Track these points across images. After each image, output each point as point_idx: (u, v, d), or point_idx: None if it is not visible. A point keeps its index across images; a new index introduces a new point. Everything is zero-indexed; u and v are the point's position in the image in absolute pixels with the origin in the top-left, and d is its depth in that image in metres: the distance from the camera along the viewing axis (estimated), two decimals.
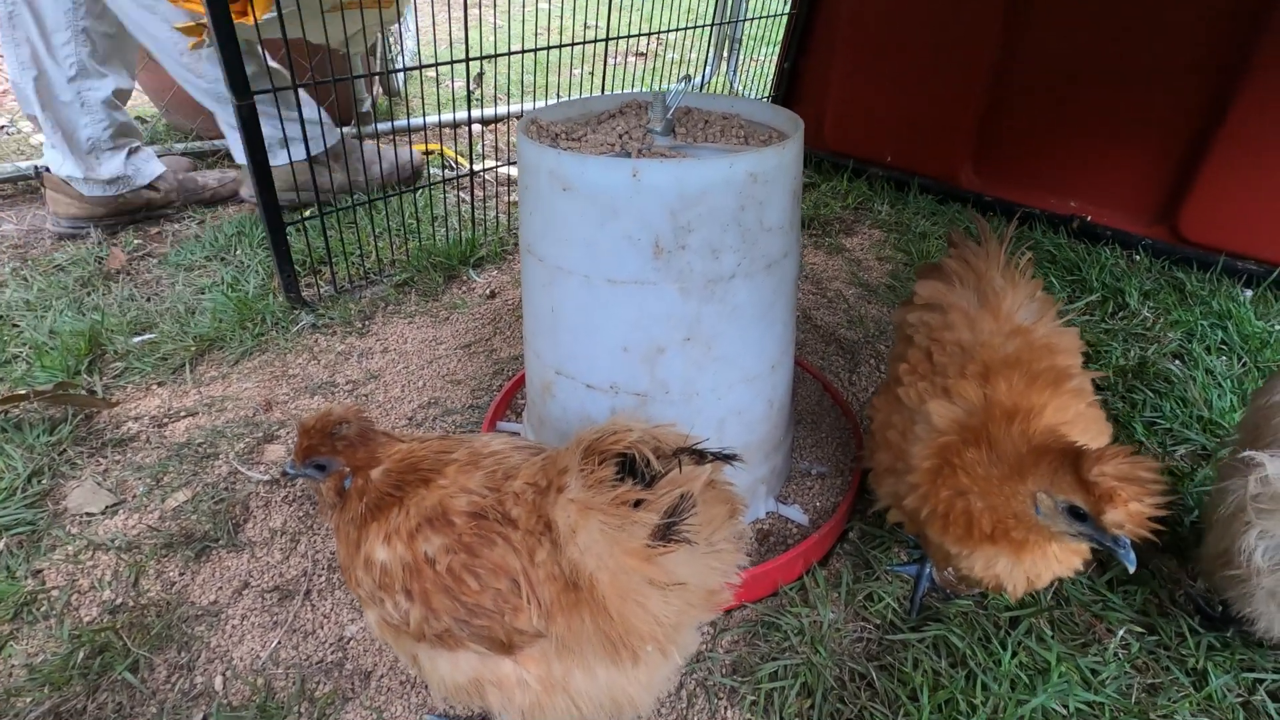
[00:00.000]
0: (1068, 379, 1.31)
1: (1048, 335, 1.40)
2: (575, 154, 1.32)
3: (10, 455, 1.83)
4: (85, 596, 1.55)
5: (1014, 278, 1.48)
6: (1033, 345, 1.37)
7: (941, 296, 1.50)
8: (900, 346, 1.57)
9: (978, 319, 1.42)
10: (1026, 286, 1.48)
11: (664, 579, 0.98)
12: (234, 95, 2.00)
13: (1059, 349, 1.38)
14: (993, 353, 1.35)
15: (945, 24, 3.25)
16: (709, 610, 1.08)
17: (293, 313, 2.45)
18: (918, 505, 1.32)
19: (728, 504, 1.06)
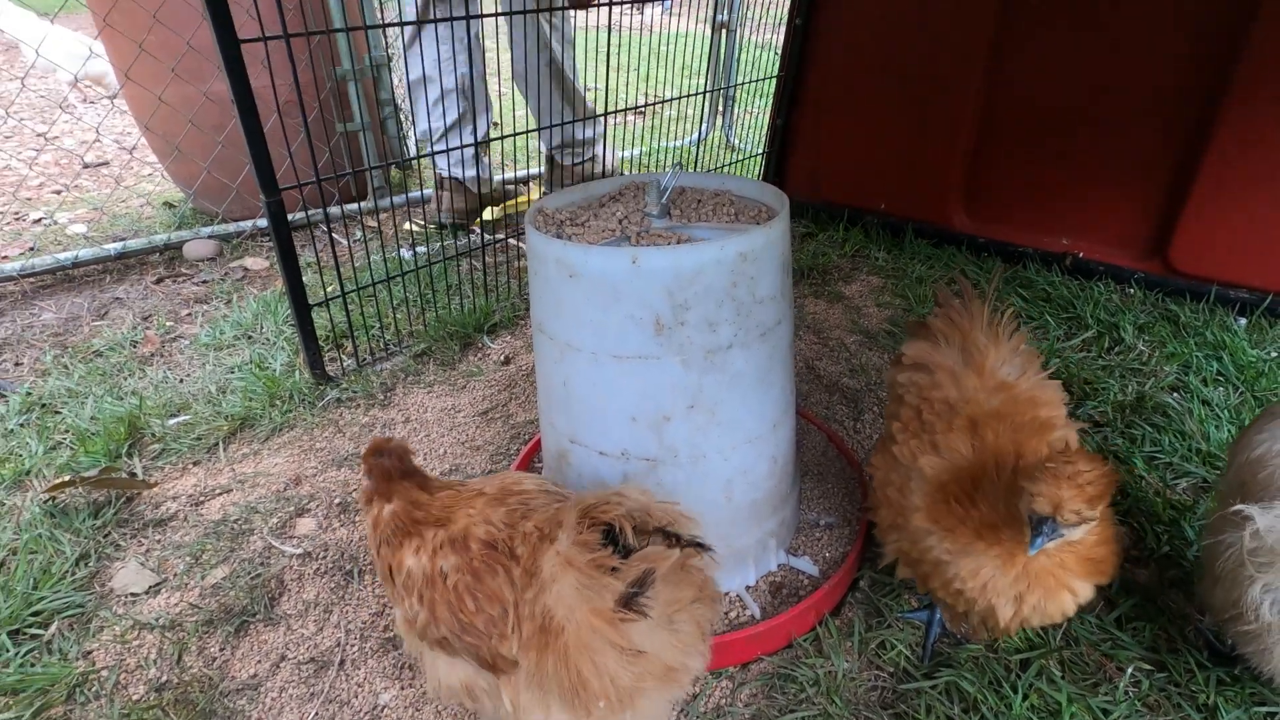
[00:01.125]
0: (1051, 430, 1.39)
1: (1031, 389, 1.48)
2: (579, 244, 1.44)
3: (59, 540, 1.93)
4: (133, 675, 1.63)
5: (997, 335, 1.57)
6: (1016, 399, 1.44)
7: (928, 356, 1.59)
8: (893, 405, 1.65)
9: (962, 377, 1.50)
10: (1009, 343, 1.56)
11: (622, 643, 1.06)
12: (263, 193, 2.16)
13: (1042, 402, 1.46)
14: (978, 408, 1.43)
15: (929, 73, 3.41)
16: (669, 685, 1.15)
17: (318, 388, 2.58)
18: (919, 553, 1.39)
19: (696, 588, 1.15)
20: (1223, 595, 1.39)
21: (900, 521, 1.44)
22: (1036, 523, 1.16)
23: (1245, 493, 1.40)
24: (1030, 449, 1.34)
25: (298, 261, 2.38)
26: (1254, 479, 1.39)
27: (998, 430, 1.38)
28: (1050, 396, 1.49)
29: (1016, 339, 1.58)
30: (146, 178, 4.83)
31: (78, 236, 3.89)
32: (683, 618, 1.13)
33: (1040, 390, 1.49)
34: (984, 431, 1.38)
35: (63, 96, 6.00)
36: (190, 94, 3.51)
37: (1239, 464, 1.48)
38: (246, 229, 3.86)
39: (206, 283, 3.48)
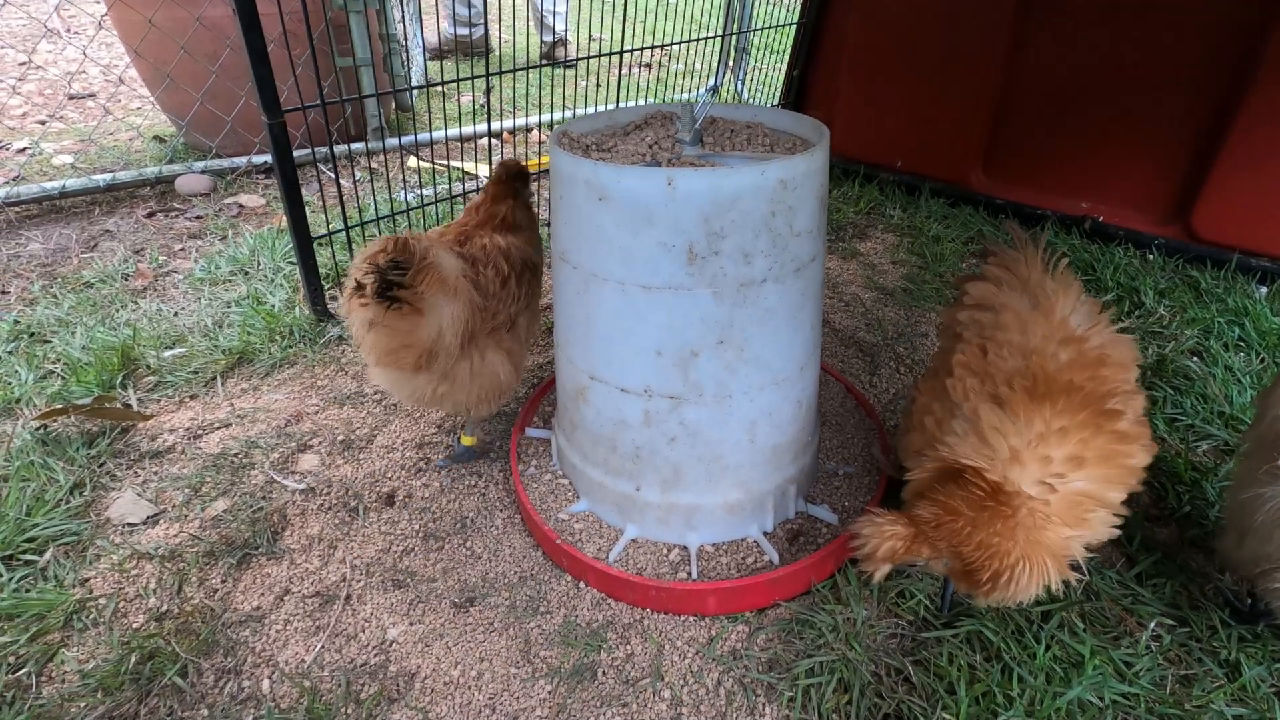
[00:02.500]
0: (1110, 400, 1.30)
1: (1102, 346, 1.39)
2: (611, 164, 1.36)
3: (52, 468, 1.87)
4: (132, 604, 1.58)
5: (1065, 281, 1.49)
6: (1085, 357, 1.36)
7: (993, 297, 1.51)
8: (948, 342, 1.59)
9: (1031, 322, 1.42)
10: (1075, 290, 1.49)
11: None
12: (266, 114, 2.05)
13: (1111, 361, 1.37)
14: (1044, 363, 1.34)
15: (954, 28, 3.30)
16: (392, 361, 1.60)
17: (319, 325, 2.50)
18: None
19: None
20: (1255, 549, 1.36)
21: (929, 452, 1.39)
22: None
23: (1278, 446, 1.37)
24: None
25: (300, 190, 2.27)
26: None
27: (1047, 418, 1.28)
28: (1122, 355, 1.40)
29: (1077, 287, 1.50)
30: (135, 111, 4.65)
31: (64, 167, 3.74)
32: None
33: (1113, 347, 1.40)
34: (1033, 416, 1.28)
35: (46, 18, 5.74)
36: (182, 18, 3.34)
37: (1272, 417, 1.44)
38: (241, 165, 3.73)
39: (200, 218, 3.36)
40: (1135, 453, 1.30)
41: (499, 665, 1.47)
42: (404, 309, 1.51)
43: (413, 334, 1.57)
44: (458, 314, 1.61)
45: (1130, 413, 1.32)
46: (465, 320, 1.63)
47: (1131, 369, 1.41)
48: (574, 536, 1.71)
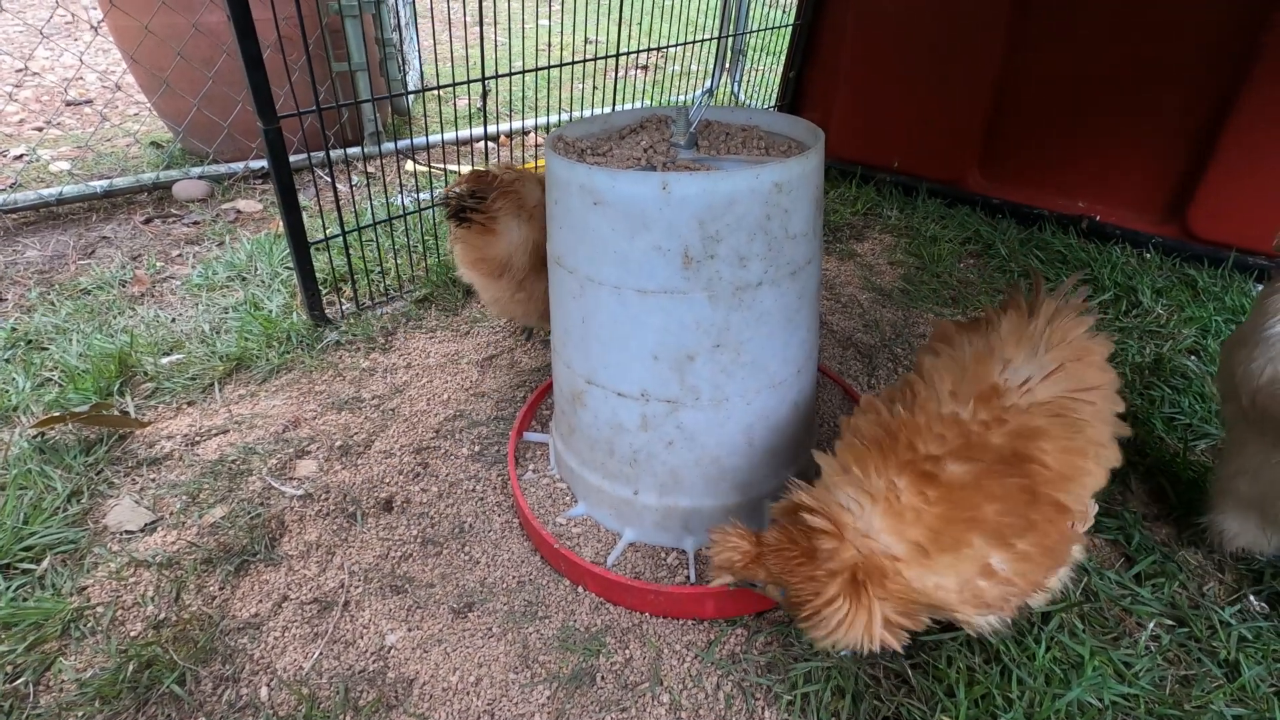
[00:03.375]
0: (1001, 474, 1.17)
1: (1040, 414, 1.21)
2: (606, 169, 1.36)
3: (50, 476, 1.86)
4: (130, 612, 1.57)
5: (1033, 336, 1.30)
6: (994, 423, 1.20)
7: (943, 341, 1.39)
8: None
9: (947, 375, 1.29)
10: (1054, 350, 1.28)
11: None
12: (261, 120, 2.05)
13: (1049, 434, 1.19)
14: (924, 421, 1.22)
15: (950, 29, 3.30)
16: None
17: (316, 331, 2.49)
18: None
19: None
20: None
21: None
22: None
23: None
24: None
25: (297, 195, 2.27)
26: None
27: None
28: (1076, 432, 1.22)
29: (1066, 349, 1.29)
30: (133, 117, 4.65)
31: (62, 173, 3.74)
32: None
33: (1066, 421, 1.23)
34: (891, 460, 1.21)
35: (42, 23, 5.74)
36: (179, 24, 3.34)
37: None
38: (238, 170, 3.73)
39: (197, 224, 3.36)
40: (1030, 530, 1.17)
41: (497, 671, 1.47)
42: (477, 228, 1.90)
43: (485, 249, 1.94)
44: (527, 236, 1.93)
45: (1047, 488, 1.18)
46: (534, 242, 1.94)
47: (1087, 450, 1.24)
48: (572, 541, 1.71)
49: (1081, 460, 1.23)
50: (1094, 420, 1.26)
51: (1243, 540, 1.58)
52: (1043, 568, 1.21)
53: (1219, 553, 1.70)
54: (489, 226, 1.92)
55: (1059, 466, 1.20)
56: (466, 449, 2.03)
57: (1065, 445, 1.21)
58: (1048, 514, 1.18)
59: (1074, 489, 1.22)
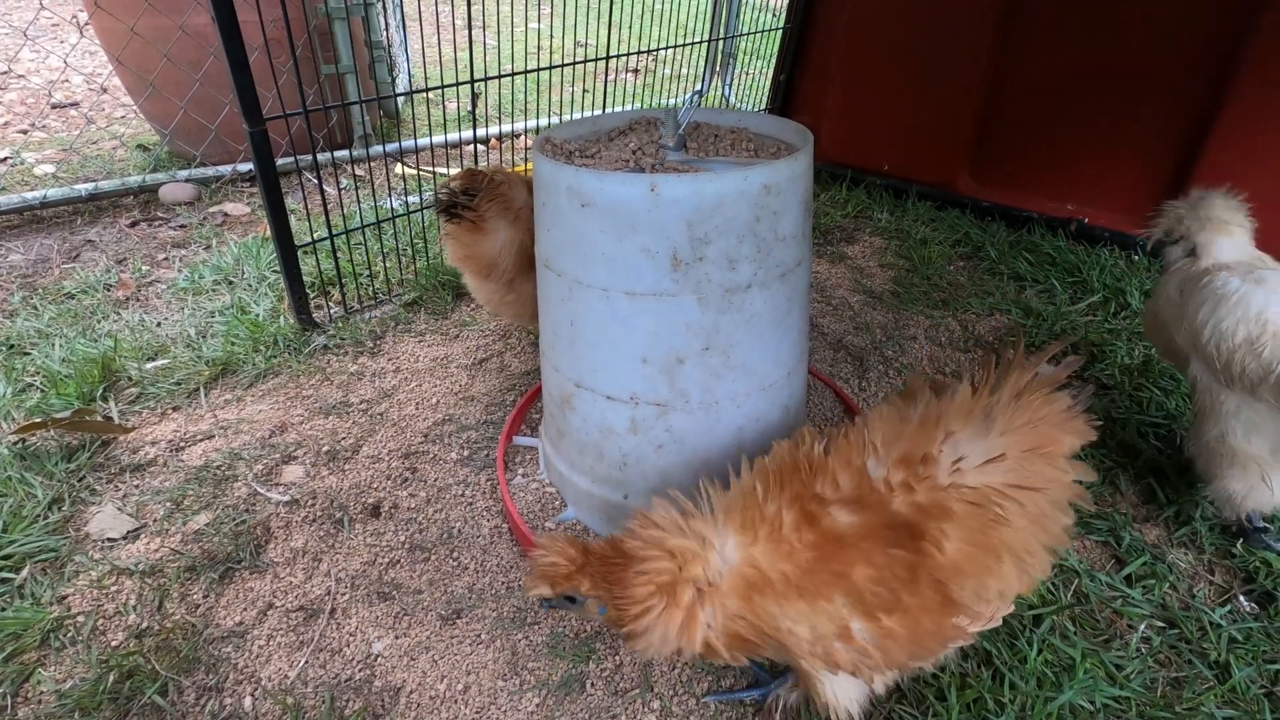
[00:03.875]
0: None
1: (956, 503, 1.09)
2: (593, 170, 1.35)
3: (30, 483, 1.83)
4: (111, 621, 1.55)
5: (988, 411, 1.15)
6: (880, 505, 1.10)
7: (904, 399, 1.27)
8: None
9: (863, 436, 1.19)
10: (1011, 433, 1.14)
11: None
12: (247, 122, 2.03)
13: (949, 515, 1.08)
14: (801, 479, 1.15)
15: (939, 32, 3.31)
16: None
17: (304, 335, 2.47)
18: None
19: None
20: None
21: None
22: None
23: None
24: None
25: (283, 197, 2.25)
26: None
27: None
28: (989, 529, 1.10)
29: (1025, 436, 1.14)
30: (119, 120, 4.61)
31: (46, 176, 3.69)
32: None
33: (980, 510, 1.10)
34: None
35: (27, 25, 5.69)
36: (165, 26, 3.32)
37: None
38: (226, 173, 3.70)
39: (184, 227, 3.33)
40: (898, 610, 1.07)
41: (486, 678, 1.45)
42: (466, 225, 1.95)
43: (473, 247, 1.99)
44: (513, 238, 1.96)
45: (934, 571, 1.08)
46: (522, 244, 1.96)
47: (1000, 551, 1.10)
48: None
49: (989, 559, 1.10)
50: (1021, 522, 1.10)
51: (1252, 501, 1.60)
52: (907, 652, 1.10)
53: (1233, 521, 1.71)
54: (478, 225, 1.96)
55: (957, 557, 1.08)
56: (455, 453, 2.01)
57: (973, 538, 1.09)
58: (926, 600, 1.08)
59: (971, 585, 1.10)
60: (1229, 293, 1.56)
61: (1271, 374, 1.46)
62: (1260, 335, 1.48)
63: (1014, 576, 1.12)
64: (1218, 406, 1.60)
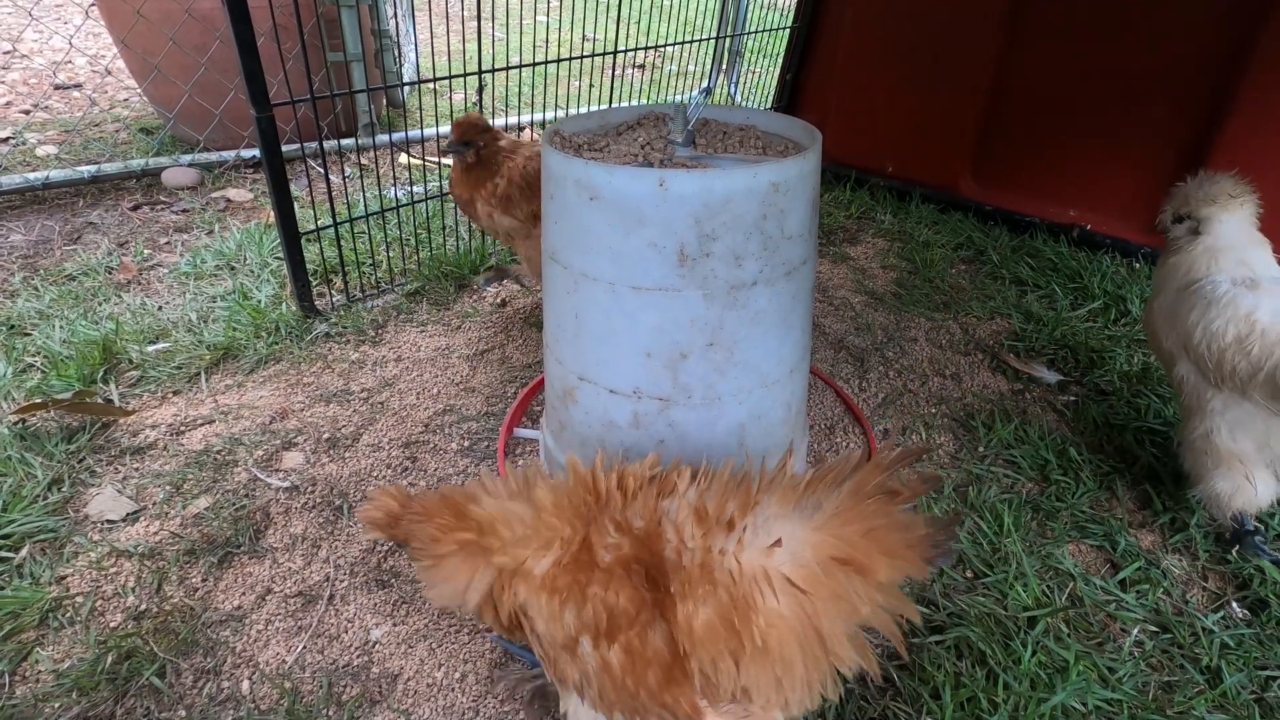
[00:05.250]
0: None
1: (720, 571, 1.00)
2: (603, 164, 1.35)
3: (30, 463, 1.83)
4: (110, 603, 1.55)
5: (812, 501, 1.04)
6: (647, 541, 1.05)
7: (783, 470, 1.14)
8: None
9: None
10: (825, 531, 1.02)
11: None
12: (254, 108, 2.03)
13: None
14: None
15: (945, 35, 3.32)
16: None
17: (306, 321, 2.47)
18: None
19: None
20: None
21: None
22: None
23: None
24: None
25: (289, 184, 2.25)
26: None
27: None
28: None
29: (833, 546, 1.01)
30: (122, 103, 4.60)
31: (48, 158, 3.68)
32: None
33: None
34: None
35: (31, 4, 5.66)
36: (171, 9, 3.31)
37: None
38: (229, 159, 3.69)
39: (186, 211, 3.32)
40: (615, 643, 1.02)
41: (483, 667, 1.46)
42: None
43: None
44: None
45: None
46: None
47: (755, 654, 0.98)
48: None
49: (735, 643, 0.98)
50: (788, 625, 0.98)
51: (1239, 500, 1.64)
52: (622, 697, 1.02)
53: (1220, 520, 1.74)
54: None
55: (698, 625, 0.98)
56: (456, 444, 2.02)
57: (724, 614, 0.98)
58: (655, 652, 1.01)
59: (710, 661, 0.99)
60: (1219, 295, 1.62)
61: (1260, 371, 1.53)
62: (1249, 335, 1.55)
63: (770, 682, 0.99)
64: (1205, 406, 1.65)
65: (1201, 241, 1.73)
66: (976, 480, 1.93)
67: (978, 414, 2.17)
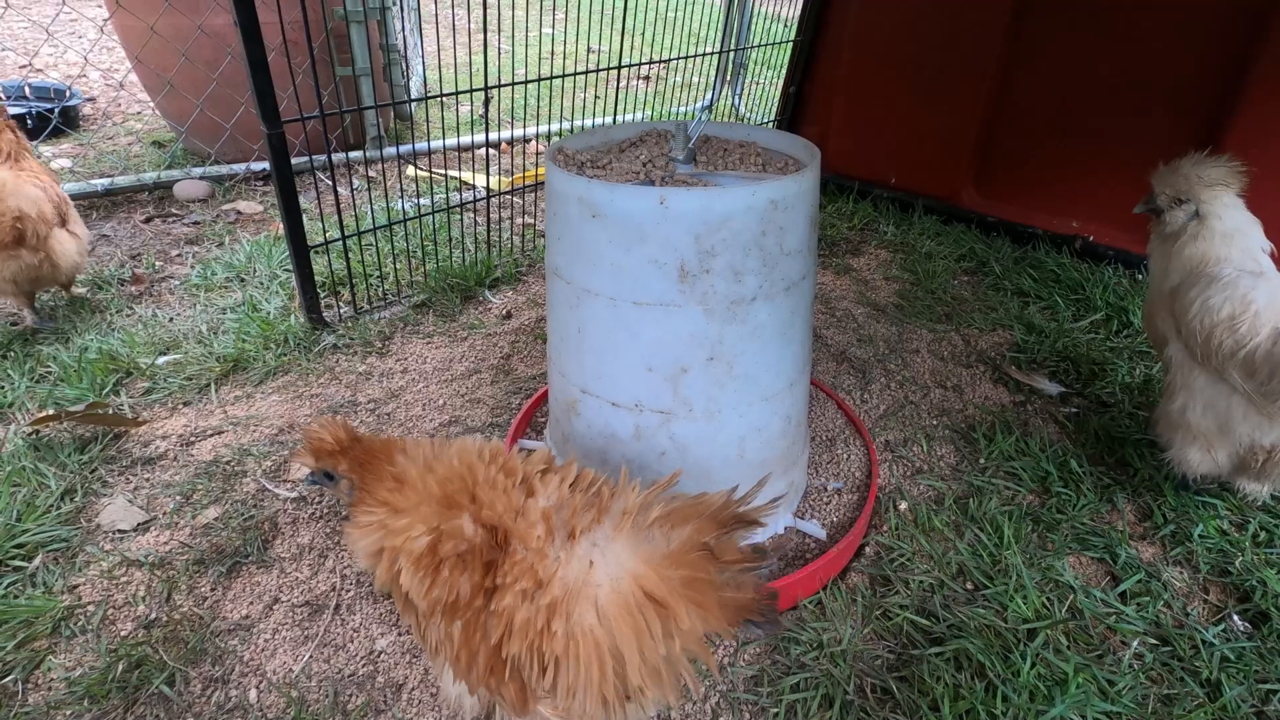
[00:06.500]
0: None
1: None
2: (604, 182, 1.38)
3: (44, 474, 1.87)
4: (120, 611, 1.58)
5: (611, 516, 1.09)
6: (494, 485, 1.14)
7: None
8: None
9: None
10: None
11: None
12: (265, 124, 2.07)
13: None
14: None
15: (947, 47, 3.34)
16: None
17: (314, 333, 2.51)
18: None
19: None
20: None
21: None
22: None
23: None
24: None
25: (298, 199, 2.29)
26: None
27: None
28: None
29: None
30: (135, 116, 4.67)
31: (63, 171, 3.74)
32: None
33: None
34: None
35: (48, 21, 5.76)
36: (184, 26, 3.37)
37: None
38: (240, 172, 3.74)
39: (198, 224, 3.37)
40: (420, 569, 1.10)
41: None
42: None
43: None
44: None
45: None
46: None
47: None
48: None
49: (534, 633, 1.02)
50: (579, 643, 1.01)
51: (1204, 467, 1.79)
52: (461, 667, 1.10)
53: (1183, 482, 1.90)
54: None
55: (511, 608, 1.04)
56: None
57: (536, 617, 1.03)
58: (479, 636, 1.07)
59: (519, 650, 1.03)
60: (1222, 275, 1.72)
61: (1242, 349, 1.63)
62: (1242, 313, 1.64)
63: (564, 689, 1.02)
64: (1190, 383, 1.75)
65: (1212, 227, 1.78)
66: (977, 492, 1.94)
67: (979, 426, 2.18)
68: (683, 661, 1.05)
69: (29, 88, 4.01)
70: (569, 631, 1.01)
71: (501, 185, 3.83)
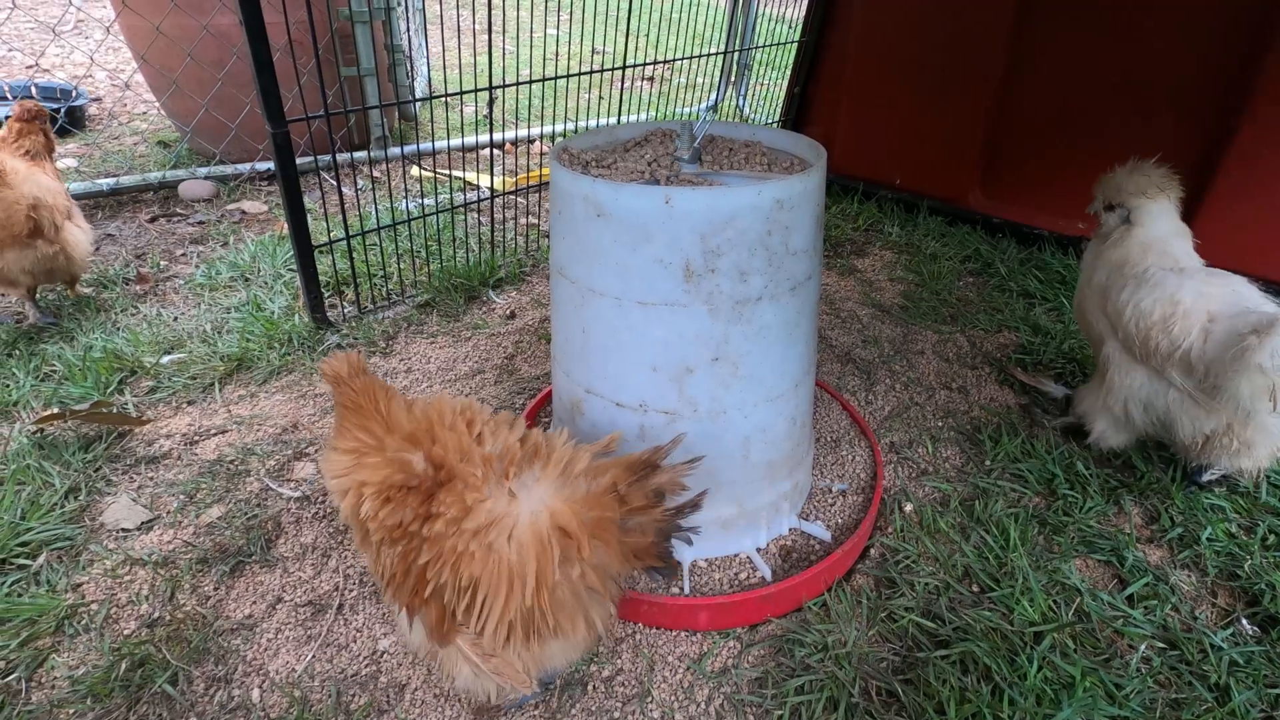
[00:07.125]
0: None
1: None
2: (609, 181, 1.37)
3: (48, 472, 1.87)
4: (124, 610, 1.58)
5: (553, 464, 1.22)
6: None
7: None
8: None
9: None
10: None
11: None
12: (270, 124, 2.07)
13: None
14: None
15: (952, 47, 3.33)
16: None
17: (318, 333, 2.51)
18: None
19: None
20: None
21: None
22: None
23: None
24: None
25: (302, 199, 2.29)
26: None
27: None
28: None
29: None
30: (140, 116, 4.68)
31: (69, 170, 3.76)
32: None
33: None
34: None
35: (54, 21, 5.78)
36: (189, 26, 3.38)
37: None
38: (245, 172, 3.75)
39: (202, 223, 3.38)
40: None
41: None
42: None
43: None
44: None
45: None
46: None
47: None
48: None
49: (452, 564, 1.14)
50: (494, 564, 1.12)
51: (1109, 441, 1.94)
52: (397, 590, 1.21)
53: (1094, 449, 2.02)
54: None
55: (440, 535, 1.15)
56: None
57: (464, 543, 1.14)
58: (411, 560, 1.17)
59: (445, 582, 1.14)
60: (1148, 277, 1.78)
61: (1177, 349, 1.69)
62: (1172, 314, 1.70)
63: (474, 605, 1.13)
64: (1124, 380, 1.83)
65: (1134, 234, 1.86)
66: (983, 494, 1.93)
67: (984, 427, 2.17)
68: (589, 599, 1.18)
69: (35, 88, 4.02)
70: (484, 555, 1.12)
71: (506, 185, 3.82)
